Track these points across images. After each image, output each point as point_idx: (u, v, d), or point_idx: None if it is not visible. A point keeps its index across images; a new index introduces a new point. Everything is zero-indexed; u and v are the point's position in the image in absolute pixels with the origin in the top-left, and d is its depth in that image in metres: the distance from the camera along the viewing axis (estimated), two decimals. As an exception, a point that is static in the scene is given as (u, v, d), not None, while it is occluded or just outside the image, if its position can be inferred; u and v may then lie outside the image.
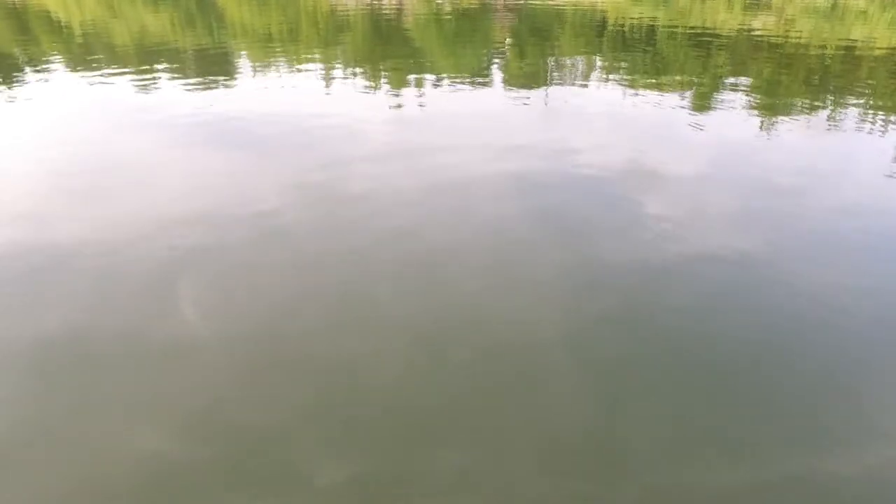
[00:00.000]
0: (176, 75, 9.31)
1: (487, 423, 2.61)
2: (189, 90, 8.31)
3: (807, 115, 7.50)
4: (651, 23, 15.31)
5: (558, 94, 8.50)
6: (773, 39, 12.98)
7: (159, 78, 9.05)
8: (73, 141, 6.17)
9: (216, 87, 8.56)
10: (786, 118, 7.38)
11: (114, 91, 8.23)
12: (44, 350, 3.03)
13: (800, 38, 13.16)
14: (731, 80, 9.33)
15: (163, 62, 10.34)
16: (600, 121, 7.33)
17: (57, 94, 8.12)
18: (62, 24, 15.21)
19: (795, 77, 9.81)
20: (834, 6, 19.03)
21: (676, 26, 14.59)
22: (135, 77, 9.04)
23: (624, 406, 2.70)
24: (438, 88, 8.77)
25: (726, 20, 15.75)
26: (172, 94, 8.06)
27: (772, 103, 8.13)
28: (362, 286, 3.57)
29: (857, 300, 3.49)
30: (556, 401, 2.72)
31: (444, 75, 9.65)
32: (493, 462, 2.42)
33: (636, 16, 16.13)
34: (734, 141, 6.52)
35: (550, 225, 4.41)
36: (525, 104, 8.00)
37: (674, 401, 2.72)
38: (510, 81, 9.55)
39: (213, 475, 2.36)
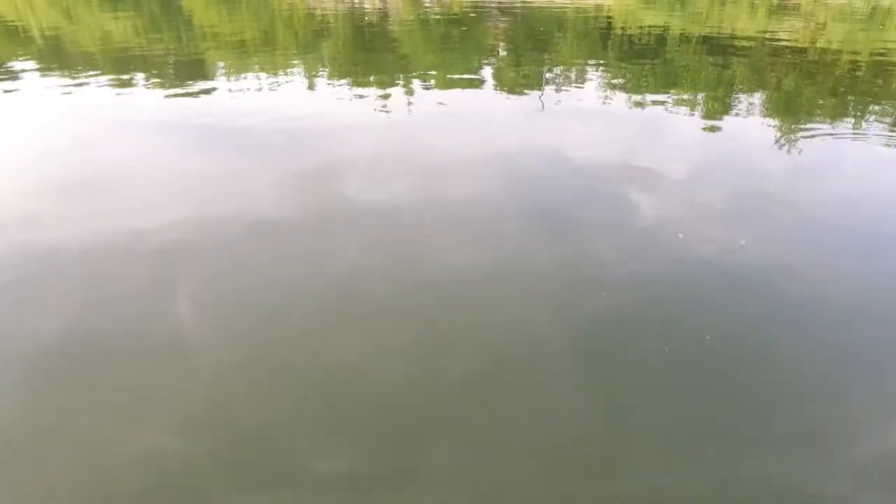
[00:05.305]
0: (150, 81, 9.56)
1: (485, 421, 2.84)
2: (166, 96, 8.57)
3: (830, 129, 7.24)
4: (663, 29, 14.96)
5: (556, 105, 8.38)
6: (798, 46, 12.58)
7: (133, 84, 9.30)
8: (56, 146, 6.47)
9: (193, 94, 8.77)
10: (807, 131, 7.21)
11: (88, 97, 8.47)
12: (39, 351, 3.27)
13: (829, 45, 12.73)
14: (749, 90, 9.20)
15: (134, 68, 10.59)
16: (601, 131, 7.32)
17: (29, 100, 8.41)
18: (19, 29, 15.23)
19: (820, 87, 9.46)
20: (874, 10, 18.53)
21: (691, 33, 14.22)
22: (108, 83, 9.29)
23: (620, 404, 2.96)
24: (427, 97, 8.85)
25: (748, 26, 15.33)
26: (150, 100, 8.36)
27: (792, 115, 7.98)
28: (358, 286, 3.87)
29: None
30: (552, 399, 2.99)
31: (433, 83, 9.68)
32: (491, 461, 2.64)
33: (646, 21, 15.80)
34: (749, 155, 6.48)
35: (547, 229, 4.70)
36: (520, 113, 8.01)
37: (671, 400, 2.98)
38: (504, 90, 9.50)
39: (211, 473, 2.57)
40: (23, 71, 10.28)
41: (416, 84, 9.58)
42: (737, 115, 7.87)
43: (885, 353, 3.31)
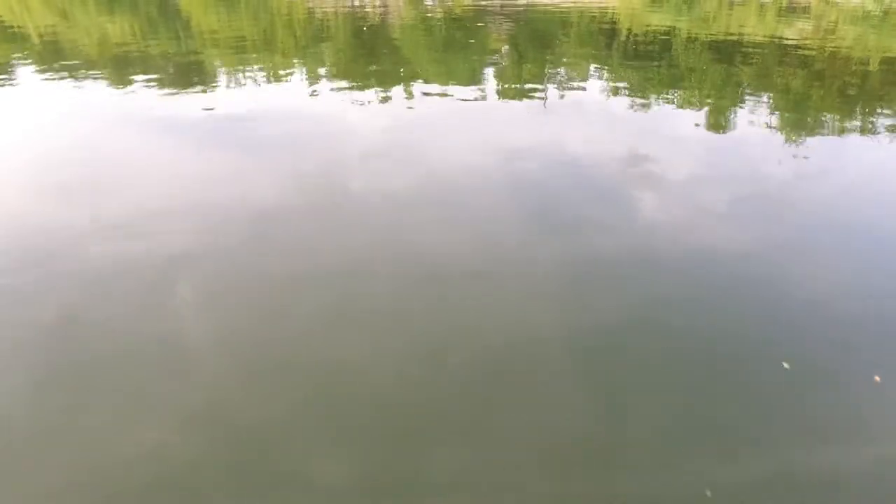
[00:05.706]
0: (149, 83, 9.74)
1: (485, 422, 2.91)
2: (165, 98, 8.77)
3: (837, 133, 7.35)
4: (668, 31, 15.04)
5: (559, 108, 8.46)
6: (808, 50, 12.62)
7: (133, 86, 9.50)
8: (56, 146, 6.67)
9: (192, 95, 8.98)
10: (812, 134, 7.33)
11: (87, 98, 8.72)
12: (39, 351, 3.37)
13: (839, 48, 12.78)
14: (755, 92, 9.28)
15: (133, 70, 10.82)
16: (604, 134, 7.41)
17: (29, 101, 8.66)
18: (16, 30, 15.38)
19: (828, 91, 9.48)
20: (886, 12, 18.55)
21: (697, 35, 14.29)
22: (107, 85, 9.53)
23: (619, 403, 3.04)
24: (428, 98, 8.92)
25: (756, 29, 15.40)
26: (149, 101, 8.56)
27: (799, 119, 8.05)
28: (359, 287, 3.97)
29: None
30: (552, 399, 3.06)
31: (434, 85, 9.76)
32: (491, 461, 2.70)
33: (652, 23, 15.89)
34: (753, 157, 6.52)
35: (548, 229, 4.80)
36: (521, 115, 8.11)
37: (670, 398, 3.05)
38: (506, 93, 9.55)
39: (210, 473, 2.64)
40: (22, 72, 10.49)
41: (417, 85, 9.66)
42: (742, 118, 7.91)
43: (885, 354, 3.37)
